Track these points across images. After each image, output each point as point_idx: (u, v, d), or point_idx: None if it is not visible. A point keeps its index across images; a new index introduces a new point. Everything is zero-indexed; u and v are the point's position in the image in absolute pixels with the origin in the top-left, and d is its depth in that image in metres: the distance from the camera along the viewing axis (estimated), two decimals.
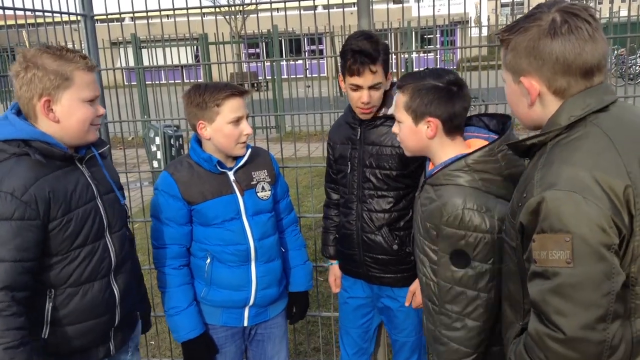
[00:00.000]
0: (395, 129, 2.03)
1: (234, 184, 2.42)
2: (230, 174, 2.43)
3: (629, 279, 1.34)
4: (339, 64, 2.48)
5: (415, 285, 2.52)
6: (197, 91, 2.32)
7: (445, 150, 1.94)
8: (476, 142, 1.97)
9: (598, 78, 1.44)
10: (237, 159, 2.44)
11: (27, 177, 1.78)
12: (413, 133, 1.96)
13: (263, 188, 2.48)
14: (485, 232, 1.78)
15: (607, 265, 1.28)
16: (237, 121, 2.32)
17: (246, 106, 2.39)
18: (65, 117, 1.89)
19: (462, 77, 2.04)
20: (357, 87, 2.32)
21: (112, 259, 2.04)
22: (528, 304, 1.47)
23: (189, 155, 2.45)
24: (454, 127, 1.93)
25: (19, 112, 1.93)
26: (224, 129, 2.32)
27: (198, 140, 2.45)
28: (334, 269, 2.83)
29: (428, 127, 1.92)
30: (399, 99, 1.96)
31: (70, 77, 1.85)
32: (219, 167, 2.39)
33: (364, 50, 2.26)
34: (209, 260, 2.44)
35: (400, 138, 2.02)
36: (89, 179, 1.99)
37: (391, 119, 2.41)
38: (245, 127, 2.35)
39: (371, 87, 2.32)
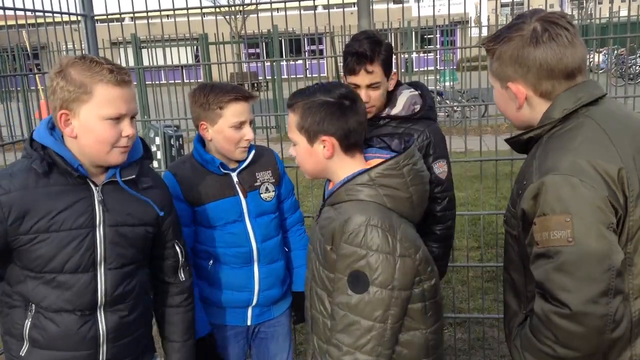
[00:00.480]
0: (291, 150, 1.89)
1: (237, 186, 2.41)
2: (234, 175, 2.42)
3: (626, 259, 1.42)
4: (339, 64, 2.50)
5: None
6: (202, 91, 2.32)
7: (344, 169, 1.79)
8: (378, 162, 1.79)
9: (580, 78, 1.55)
10: (240, 160, 2.44)
11: (17, 180, 1.72)
12: (309, 154, 1.81)
13: (267, 189, 2.47)
14: (387, 253, 1.63)
15: (606, 243, 1.36)
16: (239, 126, 2.31)
17: (251, 111, 2.37)
18: (82, 134, 1.75)
19: (459, 77, 2.02)
20: (356, 87, 2.33)
21: (99, 295, 1.83)
22: (531, 291, 1.55)
23: (192, 155, 2.44)
24: (352, 144, 1.78)
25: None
26: (225, 132, 2.31)
27: (201, 140, 2.44)
28: None
29: (324, 146, 1.77)
30: (291, 119, 1.82)
31: (91, 91, 1.70)
32: (222, 169, 2.38)
33: (359, 51, 2.30)
34: (211, 262, 2.44)
35: (298, 161, 1.87)
36: (96, 204, 1.81)
37: (395, 119, 2.44)
38: (247, 132, 2.34)
39: (369, 87, 2.34)
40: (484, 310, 4.16)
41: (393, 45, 2.58)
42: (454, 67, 16.94)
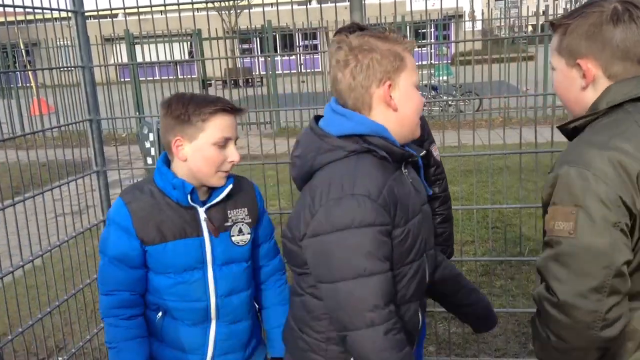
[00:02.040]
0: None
1: (203, 224, 1.96)
2: (201, 211, 1.96)
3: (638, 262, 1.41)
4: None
5: None
6: (181, 100, 1.90)
7: None
8: None
9: None
10: (213, 191, 1.99)
11: (377, 178, 1.56)
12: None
13: (240, 231, 2.03)
14: None
15: (607, 240, 1.35)
16: (224, 143, 1.90)
17: (237, 128, 1.98)
18: (402, 105, 1.64)
19: (456, 71, 2.01)
20: None
21: (426, 279, 1.75)
22: None
23: (153, 180, 1.98)
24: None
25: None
26: (206, 150, 1.89)
27: (167, 162, 2.00)
28: None
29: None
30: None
31: (403, 58, 1.62)
32: (190, 199, 1.93)
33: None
34: (160, 314, 2.03)
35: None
36: (412, 186, 1.70)
37: None
38: (232, 152, 1.92)
39: None
40: None
41: None
42: (449, 61, 16.94)
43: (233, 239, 2.01)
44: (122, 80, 11.56)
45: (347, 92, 1.62)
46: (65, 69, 11.44)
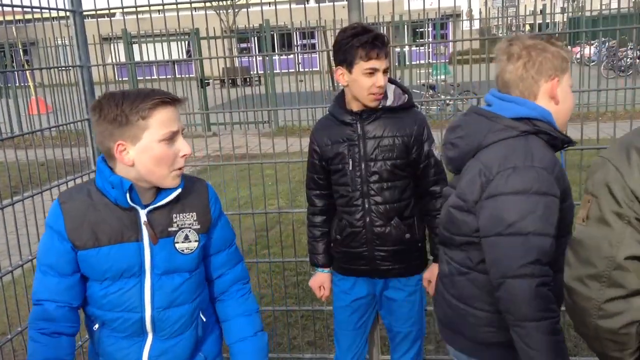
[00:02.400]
0: None
1: (143, 227, 1.77)
2: (142, 213, 1.77)
3: None
4: (332, 58, 2.50)
5: (430, 273, 2.62)
6: (113, 101, 1.68)
7: None
8: None
9: None
10: (159, 192, 1.80)
11: (550, 156, 1.79)
12: None
13: (186, 237, 1.83)
14: None
15: (610, 232, 1.37)
16: (171, 137, 1.72)
17: (180, 119, 1.78)
18: (562, 100, 1.89)
19: (453, 70, 2.08)
20: (374, 71, 2.39)
21: None
22: None
23: (94, 180, 1.81)
24: None
25: None
26: (155, 149, 1.70)
27: (106, 163, 1.79)
28: (322, 276, 2.80)
29: None
30: None
31: (567, 61, 1.89)
32: (129, 198, 1.74)
33: (378, 35, 2.39)
34: (97, 326, 1.87)
35: None
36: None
37: (389, 110, 2.49)
38: (183, 145, 1.75)
39: (384, 72, 2.42)
40: None
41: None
42: (446, 60, 16.95)
43: (177, 246, 1.82)
44: (120, 79, 11.55)
45: (516, 82, 1.87)
46: (64, 68, 11.44)
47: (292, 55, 16.27)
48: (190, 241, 1.83)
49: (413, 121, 2.50)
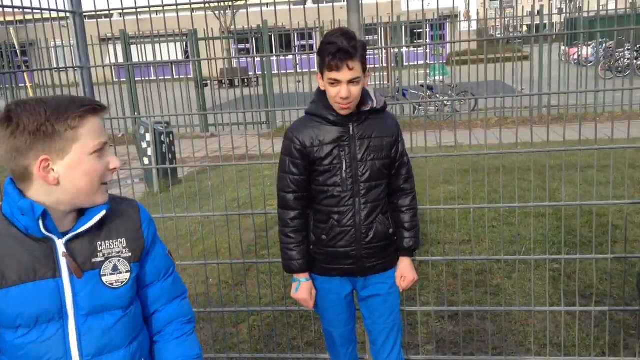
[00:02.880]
0: None
1: (62, 260, 1.49)
2: (60, 243, 1.49)
3: None
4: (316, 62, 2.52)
5: (401, 270, 2.71)
6: (35, 109, 1.42)
7: None
8: None
9: None
10: (80, 217, 1.53)
11: None
12: None
13: (115, 268, 1.55)
14: None
15: None
16: (101, 149, 1.50)
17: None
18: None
19: (451, 71, 2.06)
20: (336, 82, 2.40)
21: None
22: None
23: (1, 207, 1.51)
24: None
25: None
26: (85, 163, 1.47)
27: (15, 185, 1.49)
28: (307, 285, 2.72)
29: None
30: None
31: None
32: (42, 227, 1.44)
33: (341, 47, 2.35)
34: None
35: None
36: None
37: (375, 112, 2.55)
38: (112, 158, 1.54)
39: (350, 82, 2.40)
40: (475, 303, 4.19)
41: (383, 39, 2.62)
42: (444, 61, 16.98)
43: (104, 279, 1.54)
44: (118, 80, 11.56)
45: None
46: (63, 69, 11.43)
47: (290, 56, 16.29)
48: (120, 272, 1.55)
49: (393, 122, 2.62)
